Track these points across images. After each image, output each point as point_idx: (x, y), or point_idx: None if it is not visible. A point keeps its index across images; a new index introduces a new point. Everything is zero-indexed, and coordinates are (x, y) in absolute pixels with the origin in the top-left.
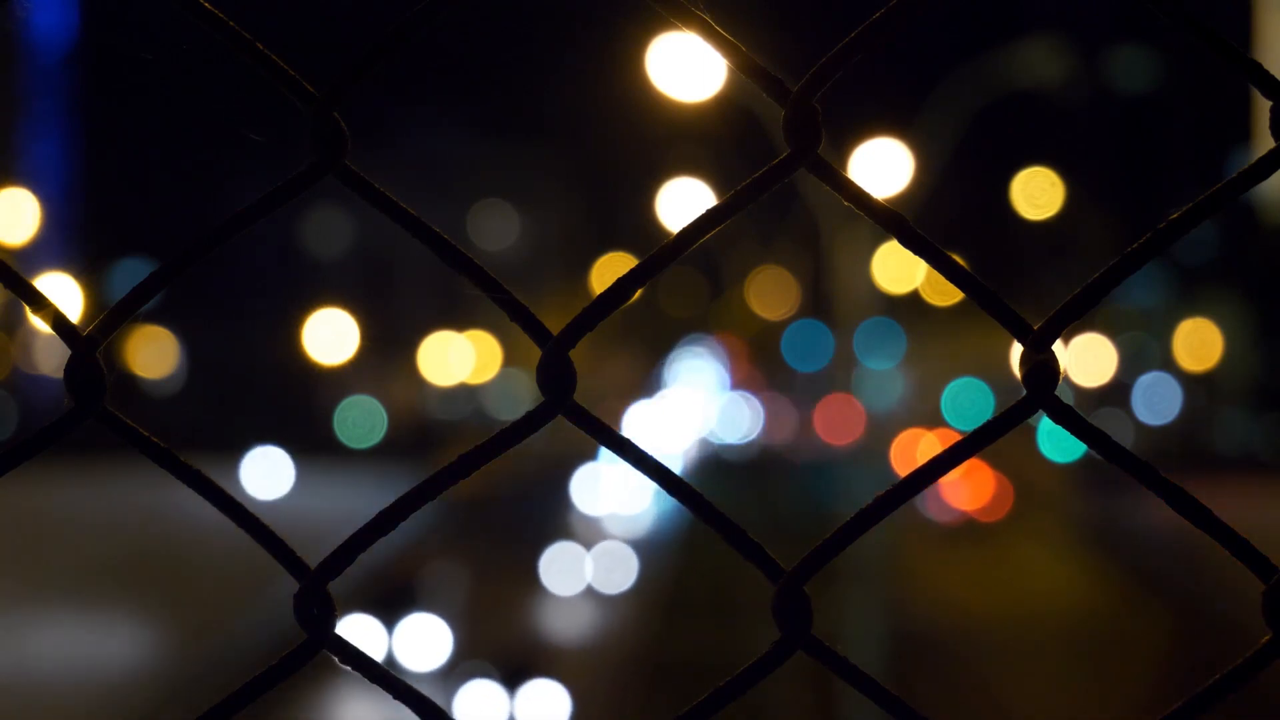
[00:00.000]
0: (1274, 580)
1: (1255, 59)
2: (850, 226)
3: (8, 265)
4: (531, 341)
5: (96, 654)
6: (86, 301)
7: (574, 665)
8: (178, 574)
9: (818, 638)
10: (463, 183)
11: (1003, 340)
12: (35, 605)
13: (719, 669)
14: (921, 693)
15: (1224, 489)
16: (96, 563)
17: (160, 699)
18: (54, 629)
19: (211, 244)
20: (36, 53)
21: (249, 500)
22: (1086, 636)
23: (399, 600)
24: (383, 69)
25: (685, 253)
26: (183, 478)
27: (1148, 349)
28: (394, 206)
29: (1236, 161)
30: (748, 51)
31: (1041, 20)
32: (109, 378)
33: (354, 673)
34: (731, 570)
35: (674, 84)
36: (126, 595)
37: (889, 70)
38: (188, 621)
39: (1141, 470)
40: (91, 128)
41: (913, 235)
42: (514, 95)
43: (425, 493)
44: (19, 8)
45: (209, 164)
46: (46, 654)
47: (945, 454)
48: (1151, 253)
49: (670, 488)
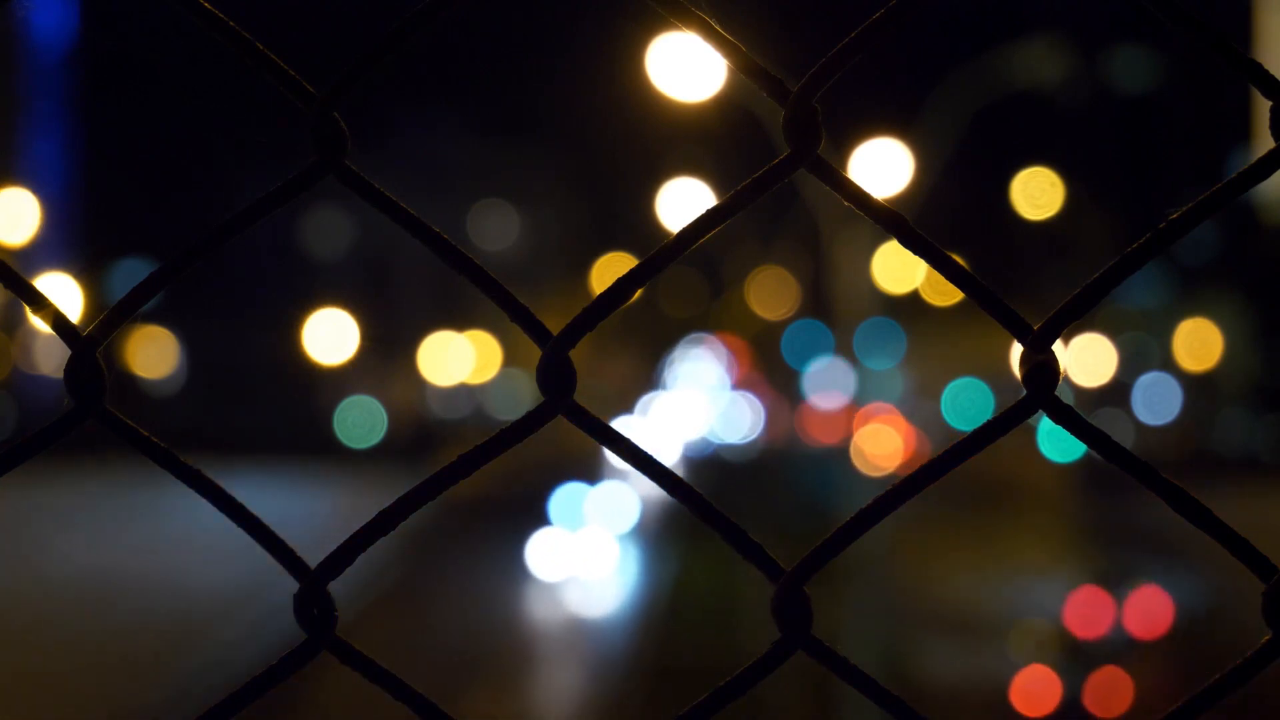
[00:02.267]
0: (1274, 580)
1: (1255, 59)
2: (850, 226)
3: (8, 265)
4: (531, 341)
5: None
6: (86, 301)
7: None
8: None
9: (818, 638)
10: (463, 183)
11: (1003, 340)
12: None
13: (719, 669)
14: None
15: (1224, 489)
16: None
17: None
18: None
19: (211, 244)
20: (36, 53)
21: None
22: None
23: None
24: (383, 69)
25: (685, 253)
26: (183, 478)
27: (1148, 349)
28: (394, 206)
29: (1236, 161)
30: (748, 51)
31: (1041, 20)
32: (109, 378)
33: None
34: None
35: (674, 84)
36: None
37: (889, 70)
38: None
39: (1141, 470)
40: (91, 128)
41: (913, 235)
42: (514, 95)
43: (425, 493)
44: (19, 8)
45: (209, 164)
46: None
47: (945, 454)
48: (1151, 253)
49: (670, 488)
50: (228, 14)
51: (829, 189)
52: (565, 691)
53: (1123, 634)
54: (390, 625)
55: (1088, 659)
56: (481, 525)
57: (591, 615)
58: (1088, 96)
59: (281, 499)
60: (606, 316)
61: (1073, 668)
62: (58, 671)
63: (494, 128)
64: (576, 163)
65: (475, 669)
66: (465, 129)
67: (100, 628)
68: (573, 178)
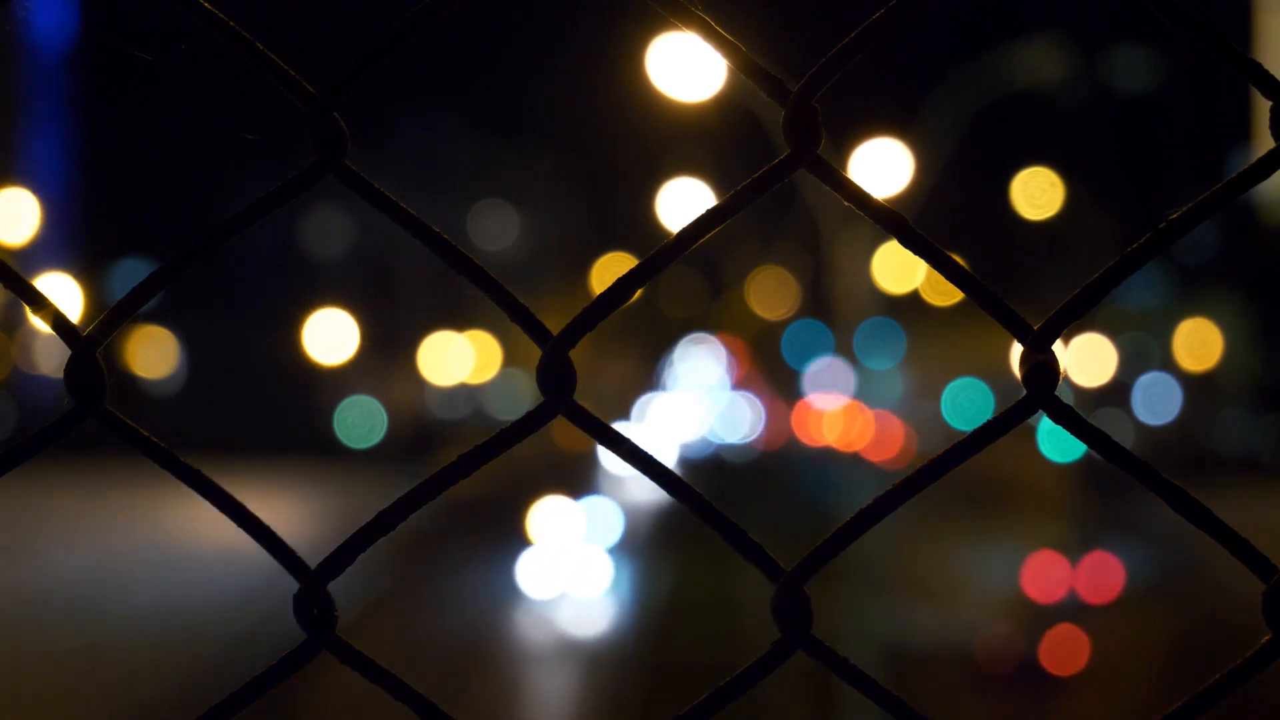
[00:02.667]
0: (1274, 580)
1: (1255, 59)
2: (850, 226)
3: (8, 265)
4: (531, 341)
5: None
6: (86, 301)
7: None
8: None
9: (818, 638)
10: (463, 183)
11: (1003, 340)
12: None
13: (719, 669)
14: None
15: (1224, 489)
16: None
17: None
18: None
19: (211, 244)
20: (36, 53)
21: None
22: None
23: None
24: (383, 69)
25: (685, 253)
26: (183, 478)
27: (1148, 349)
28: (394, 206)
29: (1236, 161)
30: (748, 51)
31: (1041, 20)
32: (109, 378)
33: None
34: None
35: (674, 84)
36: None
37: (889, 70)
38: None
39: (1141, 470)
40: (91, 128)
41: (913, 235)
42: (514, 95)
43: (425, 493)
44: (19, 8)
45: (209, 164)
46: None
47: (945, 454)
48: (1151, 253)
49: (670, 487)
50: (228, 14)
51: (829, 189)
52: (565, 691)
53: (1076, 598)
54: (390, 625)
55: (1045, 621)
56: (470, 535)
57: (589, 625)
58: (1088, 96)
59: (281, 499)
60: (606, 316)
61: (1031, 629)
62: (57, 671)
63: (494, 128)
64: (576, 163)
65: (475, 669)
66: (465, 129)
67: (100, 628)
68: (573, 178)
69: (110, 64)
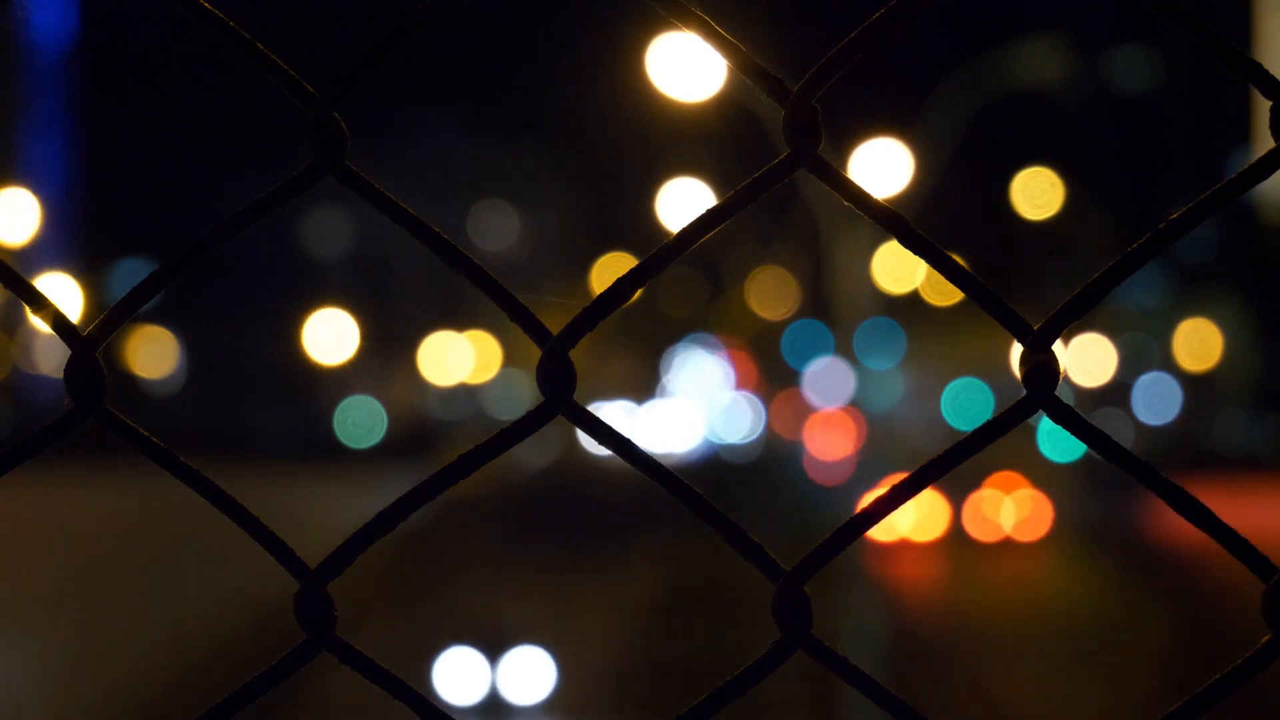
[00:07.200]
0: (1274, 580)
1: (1255, 59)
2: (850, 226)
3: (8, 265)
4: (531, 341)
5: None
6: (86, 301)
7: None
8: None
9: (818, 638)
10: (463, 183)
11: (1003, 340)
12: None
13: (719, 669)
14: (921, 692)
15: (1224, 489)
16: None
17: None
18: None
19: (211, 244)
20: (36, 53)
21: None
22: (1085, 636)
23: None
24: (383, 69)
25: (685, 253)
26: (183, 478)
27: (1148, 349)
28: (394, 206)
29: (1236, 161)
30: (748, 51)
31: (1041, 20)
32: (109, 378)
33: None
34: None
35: (674, 84)
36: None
37: (889, 70)
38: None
39: (1141, 470)
40: (91, 128)
41: (913, 235)
42: (514, 95)
43: (425, 493)
44: (19, 8)
45: (209, 164)
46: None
47: (945, 454)
48: (1151, 253)
49: (669, 487)
50: (228, 14)
51: (829, 189)
52: (565, 690)
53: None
54: (390, 625)
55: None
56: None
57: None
58: (1088, 96)
59: (282, 499)
60: (606, 316)
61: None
62: (57, 671)
63: (494, 128)
64: (576, 163)
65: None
66: (465, 129)
67: (99, 628)
68: (573, 178)
69: (110, 64)
